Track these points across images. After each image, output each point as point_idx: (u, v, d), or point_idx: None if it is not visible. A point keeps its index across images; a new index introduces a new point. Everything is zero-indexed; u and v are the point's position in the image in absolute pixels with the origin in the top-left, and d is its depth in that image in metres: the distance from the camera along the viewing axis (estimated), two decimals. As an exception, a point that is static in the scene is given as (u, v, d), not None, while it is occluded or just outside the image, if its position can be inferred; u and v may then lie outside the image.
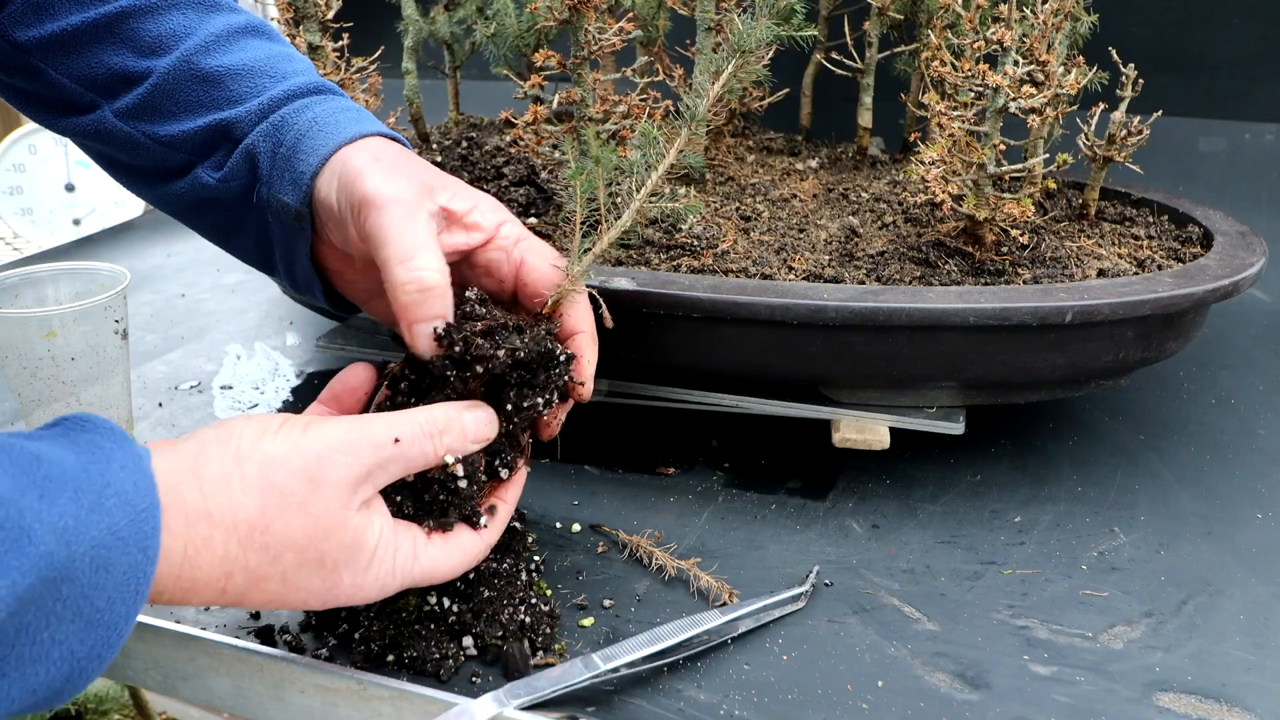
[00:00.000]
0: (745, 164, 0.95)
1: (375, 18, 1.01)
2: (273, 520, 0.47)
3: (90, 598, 0.40)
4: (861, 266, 0.74)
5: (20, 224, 1.76)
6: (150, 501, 0.43)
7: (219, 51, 0.63)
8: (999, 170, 0.71)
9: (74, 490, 0.41)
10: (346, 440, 0.49)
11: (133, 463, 0.44)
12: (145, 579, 0.42)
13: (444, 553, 0.53)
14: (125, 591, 0.42)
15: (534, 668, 0.54)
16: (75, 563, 0.40)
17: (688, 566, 0.63)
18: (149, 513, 0.43)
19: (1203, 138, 1.16)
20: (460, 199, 0.60)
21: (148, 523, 0.43)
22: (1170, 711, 0.53)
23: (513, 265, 0.60)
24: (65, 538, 0.39)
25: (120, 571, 0.41)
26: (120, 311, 0.73)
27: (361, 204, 0.56)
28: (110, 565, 0.41)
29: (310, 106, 0.62)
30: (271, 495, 0.47)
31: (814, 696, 0.54)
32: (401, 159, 0.59)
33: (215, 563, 0.46)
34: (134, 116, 0.63)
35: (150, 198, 0.69)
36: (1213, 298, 0.69)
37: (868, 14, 0.92)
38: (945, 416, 0.71)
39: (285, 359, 0.95)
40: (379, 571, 0.51)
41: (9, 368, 0.71)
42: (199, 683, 0.58)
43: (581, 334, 0.59)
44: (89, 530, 0.40)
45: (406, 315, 0.54)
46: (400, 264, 0.54)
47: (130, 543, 0.42)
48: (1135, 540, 0.67)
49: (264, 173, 0.61)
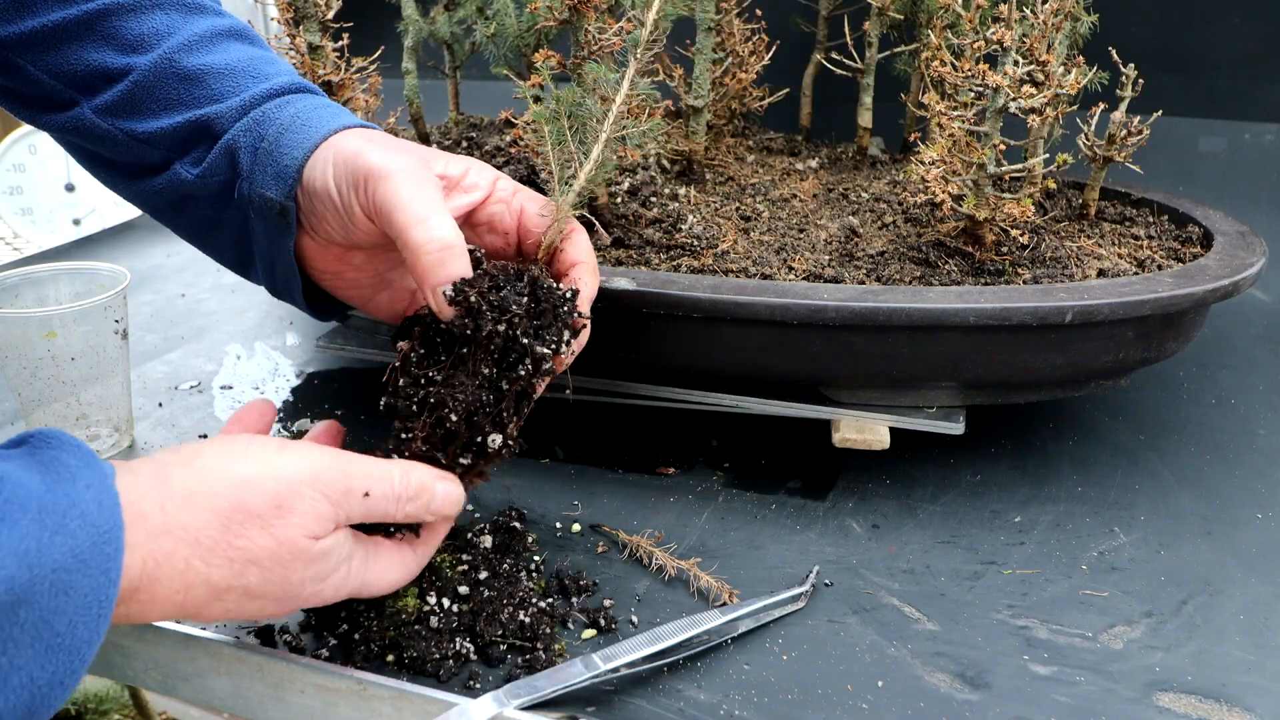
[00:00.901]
0: (745, 164, 0.95)
1: (375, 18, 1.01)
2: (235, 537, 0.47)
3: (50, 622, 0.40)
4: (861, 266, 0.74)
5: (20, 224, 1.75)
6: (114, 522, 0.42)
7: (201, 51, 0.63)
8: (999, 170, 0.71)
9: (38, 511, 0.40)
10: (321, 476, 0.49)
11: (98, 482, 0.43)
12: (108, 602, 0.42)
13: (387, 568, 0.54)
14: (87, 615, 0.41)
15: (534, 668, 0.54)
16: (35, 586, 0.39)
17: (688, 566, 0.63)
18: (112, 534, 0.42)
19: (1203, 138, 1.16)
20: (453, 165, 0.61)
21: (110, 544, 0.42)
22: (1170, 711, 0.53)
23: (514, 216, 0.61)
24: (27, 560, 0.39)
25: (81, 594, 0.41)
26: (120, 311, 0.73)
27: (368, 178, 0.56)
28: (71, 589, 0.40)
29: (292, 103, 0.63)
30: (238, 514, 0.47)
31: (814, 696, 0.54)
32: (391, 139, 0.60)
33: (175, 576, 0.45)
34: (113, 113, 0.63)
35: (128, 194, 0.68)
36: (1213, 298, 0.69)
37: (868, 14, 0.92)
38: (945, 416, 0.71)
39: (285, 359, 0.95)
40: (336, 581, 0.51)
41: (9, 368, 0.71)
42: (199, 683, 0.58)
43: (580, 264, 0.59)
44: (51, 553, 0.39)
45: (430, 278, 0.54)
46: (418, 226, 0.54)
47: (92, 565, 0.41)
48: (1135, 540, 0.67)
49: (245, 168, 0.61)
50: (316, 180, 0.59)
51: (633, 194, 0.83)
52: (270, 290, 0.68)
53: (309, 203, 0.60)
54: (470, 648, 0.55)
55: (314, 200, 0.60)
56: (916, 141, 0.80)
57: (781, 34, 0.94)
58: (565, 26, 0.73)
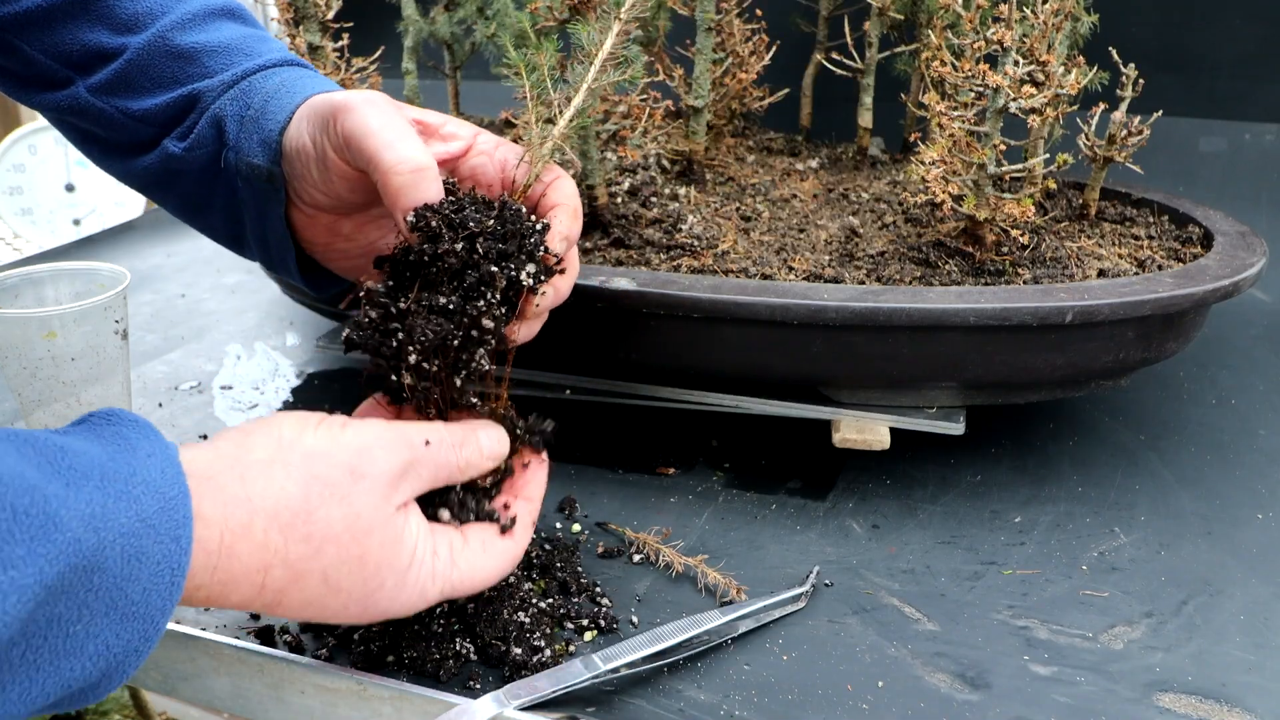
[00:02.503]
0: (745, 164, 0.95)
1: (375, 18, 1.01)
2: (315, 509, 0.46)
3: (124, 589, 0.39)
4: (862, 267, 0.74)
5: (20, 224, 1.76)
6: (180, 490, 0.42)
7: (194, 30, 0.64)
8: (999, 170, 0.70)
9: (100, 478, 0.40)
10: (384, 437, 0.49)
11: (159, 451, 0.43)
12: (180, 569, 0.41)
13: (482, 558, 0.53)
14: (159, 582, 0.41)
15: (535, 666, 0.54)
16: (105, 550, 0.39)
17: (695, 563, 0.63)
18: (179, 501, 0.42)
19: (1203, 138, 1.16)
20: (431, 115, 0.61)
21: (178, 510, 0.42)
22: (1170, 712, 0.53)
23: (497, 168, 0.61)
24: (94, 524, 0.38)
25: (153, 561, 0.40)
26: (120, 311, 0.73)
27: (335, 113, 0.55)
28: (142, 554, 0.40)
29: (279, 73, 0.63)
30: (315, 485, 0.46)
31: (814, 696, 0.54)
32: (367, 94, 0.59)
33: (254, 551, 0.45)
34: (108, 91, 0.64)
35: (121, 174, 0.69)
36: (1213, 298, 0.69)
37: (868, 14, 0.91)
38: (945, 417, 0.71)
39: (285, 359, 0.95)
40: (418, 574, 0.50)
41: (9, 368, 0.71)
42: (199, 683, 0.58)
43: (560, 206, 0.58)
44: (118, 517, 0.39)
45: (401, 200, 0.53)
46: (388, 150, 0.53)
47: (161, 531, 0.41)
48: (1135, 540, 0.67)
49: (231, 137, 0.61)
50: (297, 140, 0.58)
51: (633, 194, 0.83)
52: (265, 264, 0.68)
53: (290, 166, 0.59)
54: (470, 648, 0.55)
55: (294, 161, 0.59)
56: (916, 141, 0.80)
57: (781, 34, 0.94)
58: (565, 27, 0.73)
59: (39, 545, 0.37)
